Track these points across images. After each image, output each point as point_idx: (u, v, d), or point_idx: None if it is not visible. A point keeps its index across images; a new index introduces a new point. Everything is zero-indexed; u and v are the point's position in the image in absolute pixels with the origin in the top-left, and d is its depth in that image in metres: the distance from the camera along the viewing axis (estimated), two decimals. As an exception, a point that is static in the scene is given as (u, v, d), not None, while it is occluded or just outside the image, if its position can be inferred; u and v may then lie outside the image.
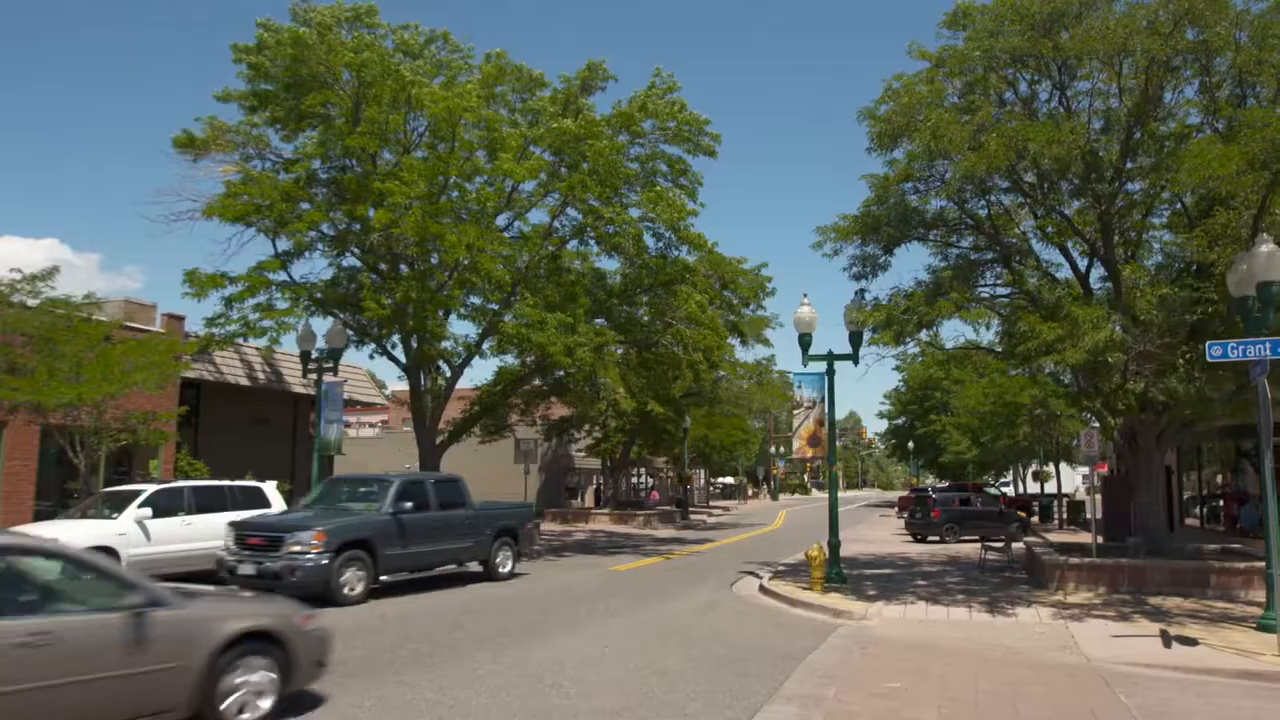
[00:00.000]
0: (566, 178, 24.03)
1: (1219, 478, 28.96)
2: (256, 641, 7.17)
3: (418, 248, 22.60)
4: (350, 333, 24.35)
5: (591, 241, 26.91)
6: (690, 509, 48.84)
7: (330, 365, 21.29)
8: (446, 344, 26.56)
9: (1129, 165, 16.35)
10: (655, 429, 44.13)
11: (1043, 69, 16.64)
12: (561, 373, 27.23)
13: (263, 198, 21.75)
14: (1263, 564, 12.29)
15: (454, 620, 12.96)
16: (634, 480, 56.30)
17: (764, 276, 35.34)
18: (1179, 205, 16.81)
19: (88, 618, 6.37)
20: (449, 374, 27.15)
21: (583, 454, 50.28)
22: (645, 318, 28.15)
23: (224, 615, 7.23)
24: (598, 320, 26.52)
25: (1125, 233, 17.90)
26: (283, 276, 23.64)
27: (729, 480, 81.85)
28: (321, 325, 22.64)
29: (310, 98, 22.34)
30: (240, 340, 23.92)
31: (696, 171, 27.12)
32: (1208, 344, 12.13)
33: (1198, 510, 29.95)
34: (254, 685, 7.11)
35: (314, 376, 21.46)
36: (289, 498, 21.09)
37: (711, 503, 68.33)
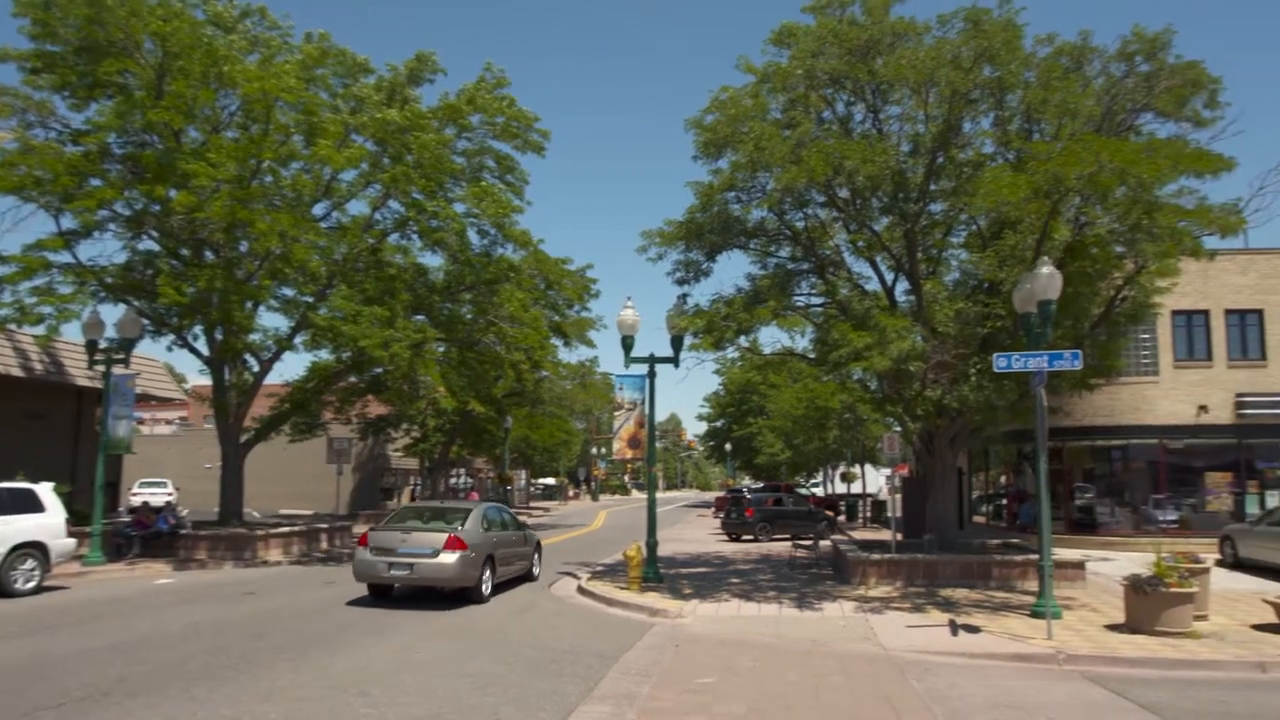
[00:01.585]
0: (389, 169, 23.22)
1: (1003, 478, 31.55)
2: (536, 546, 18.72)
3: (225, 234, 21.18)
4: (145, 322, 22.65)
5: (414, 235, 26.13)
6: (511, 510, 48.37)
7: (121, 356, 19.71)
8: (254, 337, 25.12)
9: (932, 187, 17.48)
10: (476, 429, 43.45)
11: (859, 91, 17.54)
12: (379, 370, 26.30)
13: (45, 170, 19.75)
14: (1038, 557, 13.44)
15: (254, 630, 12.19)
16: (453, 481, 55.16)
17: (589, 278, 35.43)
18: (975, 227, 18.15)
19: (514, 533, 17.24)
20: (257, 369, 25.65)
21: (400, 454, 48.85)
22: (468, 316, 27.64)
23: (535, 536, 18.75)
24: (418, 317, 25.80)
25: (928, 250, 19.17)
26: (67, 258, 21.61)
27: (550, 481, 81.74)
28: (113, 313, 20.88)
29: (106, 64, 20.48)
30: (13, 327, 21.60)
31: (524, 169, 26.93)
32: (995, 356, 13.18)
33: (984, 508, 32.53)
34: (535, 563, 18.46)
35: (101, 368, 19.75)
36: (69, 500, 19.27)
37: (532, 504, 67.94)
